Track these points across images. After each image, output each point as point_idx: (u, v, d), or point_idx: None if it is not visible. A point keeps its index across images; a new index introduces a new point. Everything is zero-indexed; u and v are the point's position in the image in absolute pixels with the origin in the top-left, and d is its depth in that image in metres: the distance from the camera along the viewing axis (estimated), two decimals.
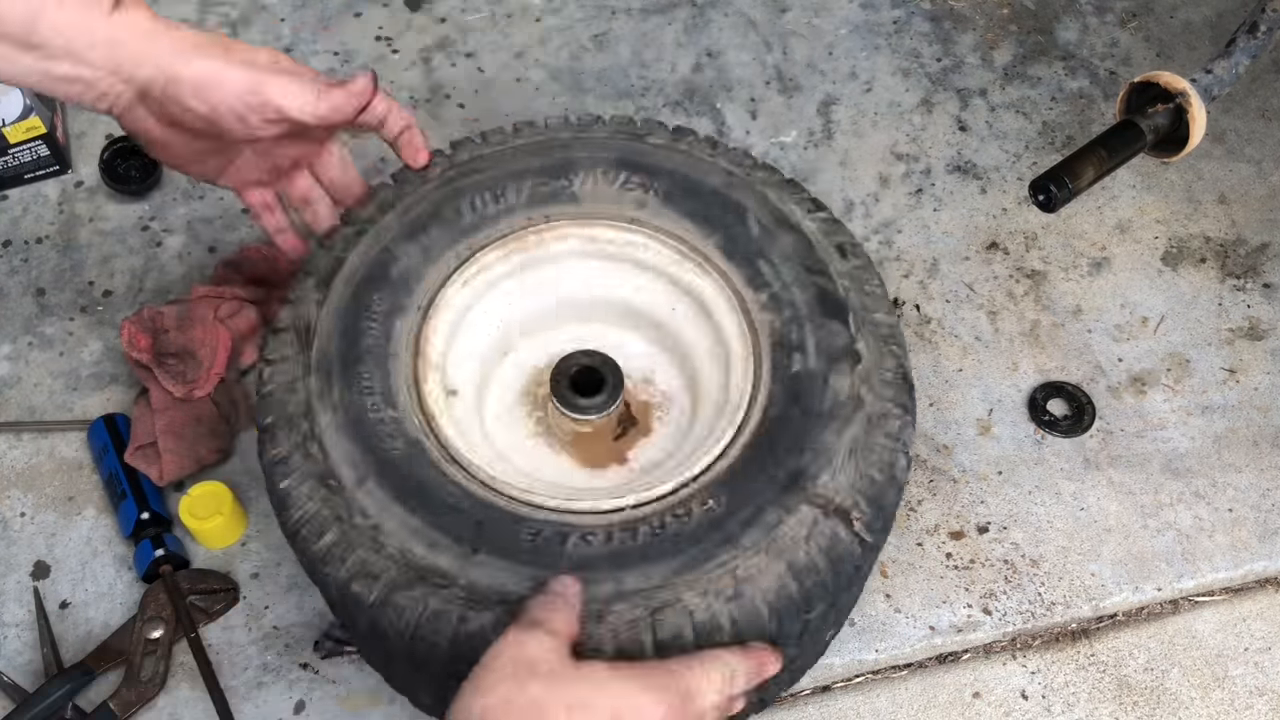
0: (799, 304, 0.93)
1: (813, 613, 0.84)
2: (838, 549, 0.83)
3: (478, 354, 1.00)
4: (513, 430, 1.01)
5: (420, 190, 1.00)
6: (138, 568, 1.14)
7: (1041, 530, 1.20)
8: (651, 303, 1.03)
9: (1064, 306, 1.37)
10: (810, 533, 0.82)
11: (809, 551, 0.82)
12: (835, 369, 0.89)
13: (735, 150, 1.04)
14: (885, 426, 0.88)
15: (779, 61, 1.61)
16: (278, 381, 0.90)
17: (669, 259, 0.99)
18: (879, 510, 0.85)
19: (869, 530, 0.84)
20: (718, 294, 0.97)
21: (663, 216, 0.99)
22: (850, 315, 0.92)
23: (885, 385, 0.90)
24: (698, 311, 1.00)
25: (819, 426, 0.87)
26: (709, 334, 0.99)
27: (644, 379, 1.04)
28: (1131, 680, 1.12)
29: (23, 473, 1.23)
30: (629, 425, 1.00)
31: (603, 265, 1.02)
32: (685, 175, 1.00)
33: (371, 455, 0.86)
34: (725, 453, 0.87)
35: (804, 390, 0.89)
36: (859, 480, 0.85)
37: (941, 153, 1.51)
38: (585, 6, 1.67)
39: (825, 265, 0.95)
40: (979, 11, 1.67)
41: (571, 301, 1.04)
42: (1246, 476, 1.24)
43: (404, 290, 0.94)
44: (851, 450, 0.86)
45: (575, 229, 1.00)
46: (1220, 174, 1.49)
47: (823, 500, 0.84)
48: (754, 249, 0.96)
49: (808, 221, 0.99)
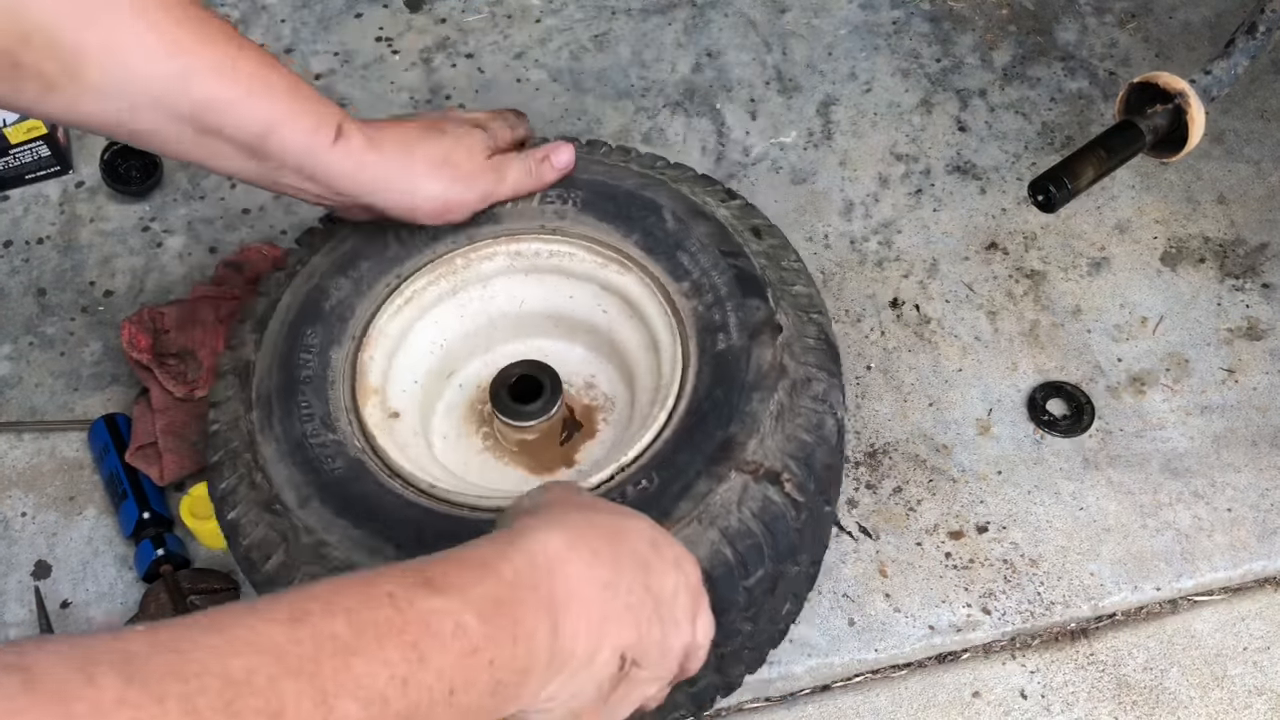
0: (719, 287, 0.97)
1: (751, 578, 0.86)
2: (771, 511, 0.86)
3: (419, 377, 1.03)
4: (461, 448, 1.04)
5: (346, 228, 1.03)
6: (138, 567, 1.14)
7: (1041, 530, 1.20)
8: (583, 308, 1.06)
9: (1063, 306, 1.37)
10: (741, 498, 0.86)
11: (741, 517, 0.85)
12: (757, 341, 0.93)
13: (647, 155, 1.09)
14: (810, 390, 0.92)
15: (779, 62, 1.61)
16: (223, 420, 0.95)
17: (594, 264, 1.02)
18: (810, 471, 0.89)
19: (801, 491, 0.88)
20: (643, 290, 1.00)
21: (583, 224, 1.03)
22: (768, 290, 0.96)
23: (808, 352, 0.94)
24: (627, 310, 1.03)
25: (743, 397, 0.90)
26: (640, 330, 1.02)
27: (586, 384, 1.07)
28: (1130, 680, 1.12)
29: (24, 473, 1.23)
30: (574, 429, 1.03)
31: (532, 279, 1.05)
32: (601, 182, 1.04)
33: (314, 476, 0.89)
34: (659, 435, 0.90)
35: (729, 366, 0.92)
36: (787, 444, 0.89)
37: (941, 153, 1.51)
38: (585, 7, 1.67)
39: (741, 247, 0.99)
40: (978, 12, 1.67)
41: (506, 318, 1.07)
42: (1245, 476, 1.24)
43: (337, 322, 0.98)
44: (778, 416, 0.89)
45: (501, 246, 1.03)
46: (1219, 174, 1.49)
47: (752, 465, 0.87)
48: (672, 242, 1.00)
49: (721, 210, 1.03)
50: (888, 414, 1.28)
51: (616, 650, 0.67)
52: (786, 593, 0.99)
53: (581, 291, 1.05)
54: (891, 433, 1.27)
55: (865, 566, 1.17)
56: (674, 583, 0.72)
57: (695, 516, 0.85)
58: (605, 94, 1.57)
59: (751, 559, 0.85)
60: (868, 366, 1.32)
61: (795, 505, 0.87)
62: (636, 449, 0.89)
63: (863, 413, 1.28)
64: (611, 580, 0.67)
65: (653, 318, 0.99)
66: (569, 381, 1.04)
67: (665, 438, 0.89)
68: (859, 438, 1.26)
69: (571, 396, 1.05)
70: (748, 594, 0.88)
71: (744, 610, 0.89)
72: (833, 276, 1.40)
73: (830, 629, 1.13)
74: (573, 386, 1.06)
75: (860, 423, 1.27)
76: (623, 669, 0.68)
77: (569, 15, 1.66)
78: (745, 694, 1.10)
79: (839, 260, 1.41)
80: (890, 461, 1.25)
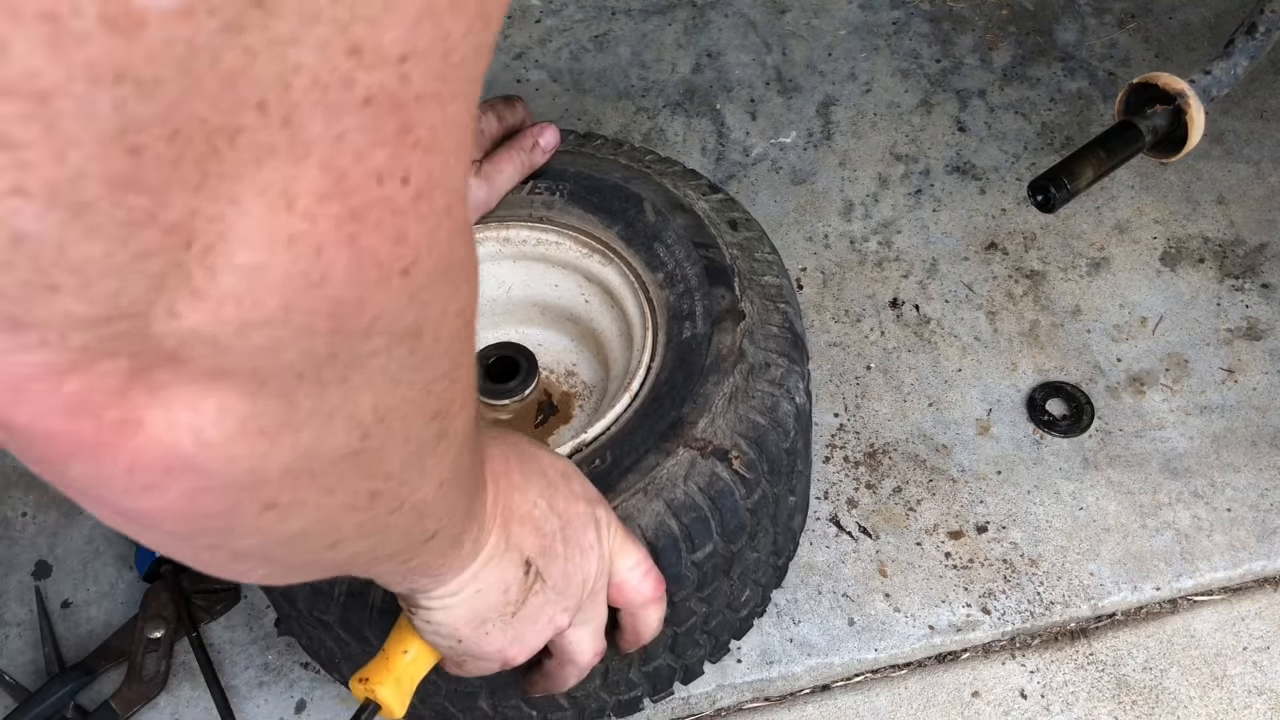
0: (690, 277, 0.99)
1: (699, 552, 0.88)
2: (717, 486, 0.88)
3: None
4: None
5: None
6: (139, 567, 1.14)
7: (1040, 530, 1.20)
8: (567, 297, 1.08)
9: (1063, 306, 1.37)
10: (688, 472, 0.88)
11: (688, 490, 0.87)
12: (719, 328, 0.95)
13: (639, 149, 1.11)
14: (768, 374, 0.94)
15: (778, 62, 1.61)
16: None
17: (579, 253, 1.04)
18: (761, 450, 0.90)
19: (750, 469, 0.89)
20: (621, 280, 1.02)
21: (570, 214, 1.05)
22: (735, 280, 0.98)
23: (770, 339, 0.96)
24: (608, 300, 1.05)
25: (699, 379, 0.92)
26: (618, 319, 1.04)
27: (567, 372, 1.09)
28: (1130, 679, 1.12)
29: (24, 472, 1.23)
30: (550, 414, 1.05)
31: (520, 265, 1.07)
32: (588, 175, 1.06)
33: None
34: (619, 418, 0.92)
35: (691, 352, 0.94)
36: (739, 424, 0.90)
37: (940, 153, 1.51)
38: (585, 7, 1.67)
39: (714, 239, 1.01)
40: (978, 13, 1.67)
41: (494, 303, 1.09)
42: (1245, 476, 1.24)
43: None
44: (731, 397, 0.91)
45: (490, 232, 1.05)
46: (1219, 174, 1.49)
47: (700, 443, 0.89)
48: (650, 234, 1.02)
49: (701, 202, 1.05)
50: (888, 414, 1.28)
51: (522, 553, 0.67)
52: (745, 578, 1.00)
53: (566, 280, 1.07)
54: (891, 433, 1.27)
55: (865, 566, 1.18)
56: (582, 512, 0.72)
57: (641, 489, 0.87)
58: (605, 94, 1.57)
59: (698, 532, 0.87)
60: (867, 366, 1.32)
61: (744, 482, 0.89)
62: (596, 429, 0.91)
63: (863, 413, 1.28)
64: (522, 485, 0.68)
65: (629, 308, 1.01)
66: (551, 369, 1.06)
67: (625, 420, 0.91)
68: (859, 438, 1.26)
69: (551, 383, 1.07)
70: (698, 570, 0.89)
71: (696, 589, 0.91)
72: (832, 276, 1.40)
73: (830, 629, 1.14)
74: (554, 374, 1.08)
75: (860, 423, 1.28)
76: (528, 575, 0.67)
77: (569, 15, 1.66)
78: (745, 694, 1.10)
79: (839, 260, 1.41)
80: (890, 461, 1.25)
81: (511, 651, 0.71)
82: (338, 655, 0.98)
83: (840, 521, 1.20)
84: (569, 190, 1.06)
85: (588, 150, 1.09)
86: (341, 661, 0.99)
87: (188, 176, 0.30)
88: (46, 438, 0.34)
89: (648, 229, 1.02)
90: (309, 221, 0.33)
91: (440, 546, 0.58)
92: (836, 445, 1.26)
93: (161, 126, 0.28)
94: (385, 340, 0.39)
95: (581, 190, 1.05)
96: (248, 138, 0.30)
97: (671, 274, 0.99)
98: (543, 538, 0.68)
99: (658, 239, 1.02)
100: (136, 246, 0.30)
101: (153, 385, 0.34)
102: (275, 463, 0.40)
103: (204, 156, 0.30)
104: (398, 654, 0.72)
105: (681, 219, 1.02)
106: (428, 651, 0.72)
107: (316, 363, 0.37)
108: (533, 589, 0.68)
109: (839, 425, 1.27)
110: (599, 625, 0.78)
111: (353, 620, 0.86)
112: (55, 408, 0.32)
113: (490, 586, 0.66)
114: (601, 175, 1.06)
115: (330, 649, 0.97)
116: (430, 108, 0.34)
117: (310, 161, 0.32)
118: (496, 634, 0.69)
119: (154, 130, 0.28)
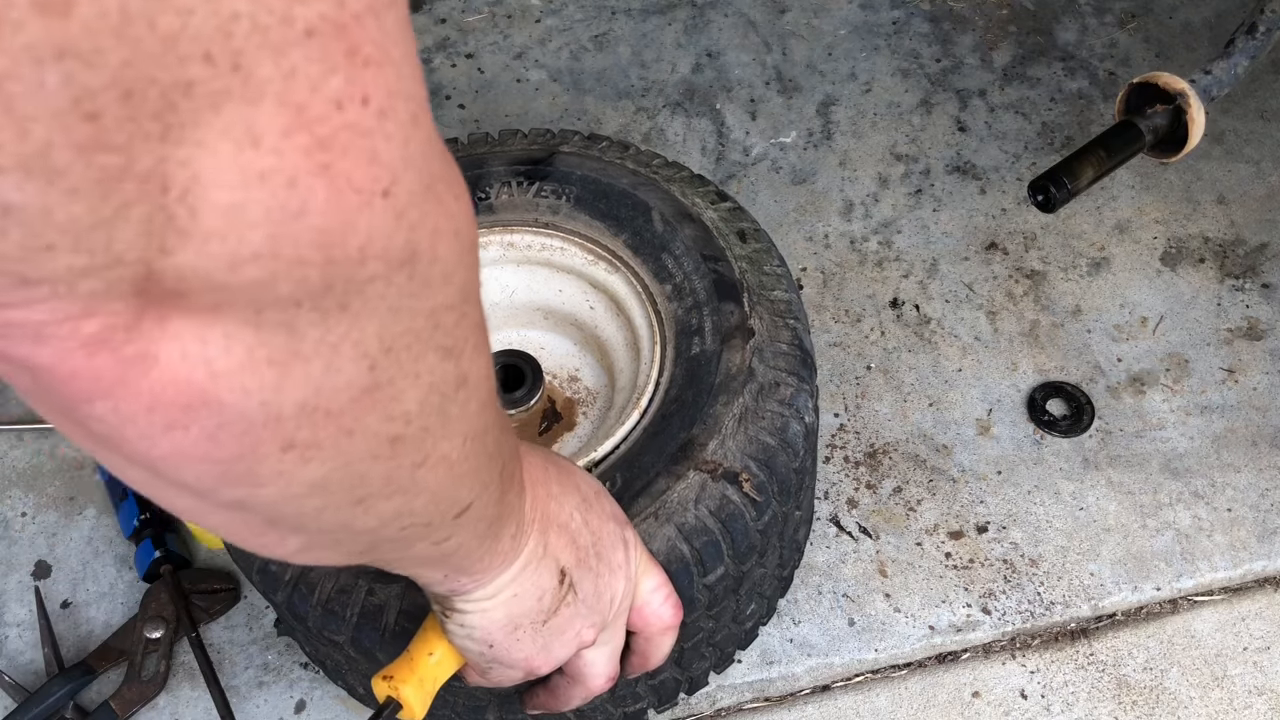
0: (699, 291, 0.97)
1: (710, 575, 0.87)
2: (728, 509, 0.87)
3: None
4: None
5: None
6: (139, 567, 1.14)
7: (1041, 530, 1.20)
8: (572, 303, 1.07)
9: (1063, 306, 1.37)
10: (699, 496, 0.87)
11: (698, 514, 0.86)
12: (728, 346, 0.93)
13: (645, 152, 1.09)
14: (778, 394, 0.92)
15: (779, 62, 1.61)
16: None
17: (584, 260, 1.03)
18: (771, 472, 0.89)
19: (760, 491, 0.88)
20: (629, 290, 1.01)
21: (575, 220, 1.03)
22: (744, 295, 0.96)
23: (779, 356, 0.94)
24: (613, 309, 1.03)
25: (709, 399, 0.90)
26: (624, 328, 1.03)
27: (570, 377, 1.08)
28: (1130, 680, 1.12)
29: (24, 473, 1.23)
30: (554, 421, 1.04)
31: (523, 270, 1.06)
32: (595, 180, 1.04)
33: None
34: (629, 436, 0.91)
35: (700, 370, 0.93)
36: (749, 445, 0.89)
37: (941, 153, 1.51)
38: (585, 7, 1.67)
39: (723, 251, 0.99)
40: (978, 12, 1.67)
41: (498, 307, 1.08)
42: (1245, 476, 1.24)
43: None
44: (741, 418, 0.90)
45: (495, 236, 1.04)
46: (1219, 174, 1.49)
47: (711, 465, 0.88)
48: (658, 244, 1.00)
49: (710, 212, 1.03)
50: (888, 414, 1.28)
51: (558, 562, 0.67)
52: (752, 593, 0.99)
53: (571, 286, 1.06)
54: (891, 433, 1.27)
55: (865, 566, 1.17)
56: (613, 531, 0.73)
57: (652, 513, 0.86)
58: (605, 94, 1.57)
59: (709, 556, 0.86)
60: (868, 366, 1.32)
61: (754, 505, 0.88)
62: (606, 448, 0.90)
63: (863, 413, 1.28)
64: (559, 495, 0.68)
65: (636, 318, 1.00)
66: (554, 374, 1.05)
67: (634, 439, 0.90)
68: (859, 438, 1.26)
69: (554, 389, 1.06)
70: (709, 592, 0.88)
71: (706, 609, 0.90)
72: (833, 276, 1.40)
73: (830, 629, 1.13)
74: (557, 379, 1.06)
75: (860, 423, 1.27)
76: (562, 585, 0.68)
77: (569, 15, 1.66)
78: (745, 694, 1.10)
79: (839, 260, 1.41)
80: (890, 461, 1.25)
81: (537, 661, 0.71)
82: (344, 668, 0.97)
83: (840, 522, 1.20)
84: (575, 195, 1.04)
85: (594, 153, 1.07)
86: (347, 672, 0.99)
87: (149, 130, 0.31)
88: (69, 377, 0.36)
89: (656, 239, 1.00)
90: (277, 156, 0.34)
91: (476, 527, 0.57)
92: (836, 445, 1.26)
93: (113, 90, 0.30)
94: (381, 265, 0.40)
95: (588, 195, 1.04)
96: (201, 87, 0.32)
97: (680, 286, 0.97)
98: (578, 550, 0.69)
99: (666, 249, 1.00)
100: (117, 199, 0.32)
101: (162, 318, 0.36)
102: (289, 397, 0.40)
103: (161, 110, 0.31)
104: (423, 655, 0.72)
105: (690, 229, 1.00)
106: (452, 656, 0.72)
107: (313, 292, 0.38)
108: (565, 600, 0.68)
109: (839, 425, 1.27)
110: (616, 649, 0.77)
111: (364, 640, 0.85)
112: (75, 347, 0.35)
113: (527, 592, 0.66)
114: (609, 180, 1.04)
115: (336, 660, 0.97)
116: (369, 24, 0.35)
117: (267, 100, 0.33)
118: (526, 641, 0.69)
119: (107, 95, 0.30)
